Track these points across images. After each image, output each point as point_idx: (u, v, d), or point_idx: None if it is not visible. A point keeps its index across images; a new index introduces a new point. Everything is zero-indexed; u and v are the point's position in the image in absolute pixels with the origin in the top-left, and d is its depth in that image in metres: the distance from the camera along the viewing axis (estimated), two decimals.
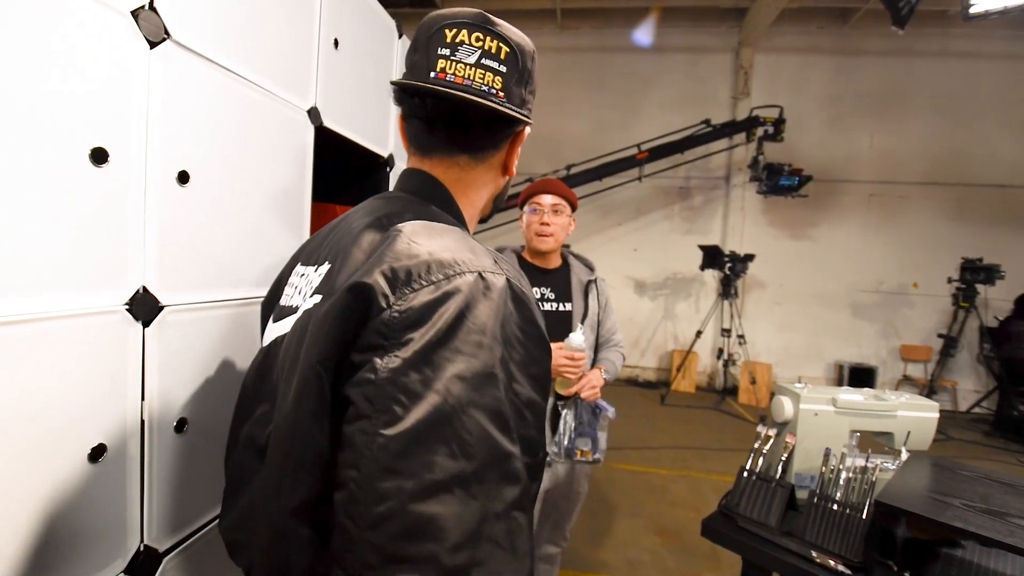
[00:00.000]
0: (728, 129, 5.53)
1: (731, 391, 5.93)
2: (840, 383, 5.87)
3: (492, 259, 0.55)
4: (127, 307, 0.70)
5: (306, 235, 1.11)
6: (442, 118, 0.62)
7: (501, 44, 0.60)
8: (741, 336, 5.37)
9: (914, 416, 1.33)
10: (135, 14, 0.68)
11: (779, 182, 4.99)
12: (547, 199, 1.64)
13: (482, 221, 0.76)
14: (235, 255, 0.91)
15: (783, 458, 1.33)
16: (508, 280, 0.53)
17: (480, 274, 0.51)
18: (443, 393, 0.44)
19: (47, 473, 0.62)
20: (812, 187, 5.45)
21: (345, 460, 0.45)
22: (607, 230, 6.55)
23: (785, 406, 1.38)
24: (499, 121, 0.62)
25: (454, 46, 0.59)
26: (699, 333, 5.59)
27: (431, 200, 0.65)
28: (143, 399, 0.74)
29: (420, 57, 0.61)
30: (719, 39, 6.20)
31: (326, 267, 0.60)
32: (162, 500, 0.78)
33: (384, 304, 0.47)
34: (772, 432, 1.39)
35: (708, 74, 6.24)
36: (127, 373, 0.71)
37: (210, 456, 0.86)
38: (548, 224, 1.62)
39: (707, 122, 5.56)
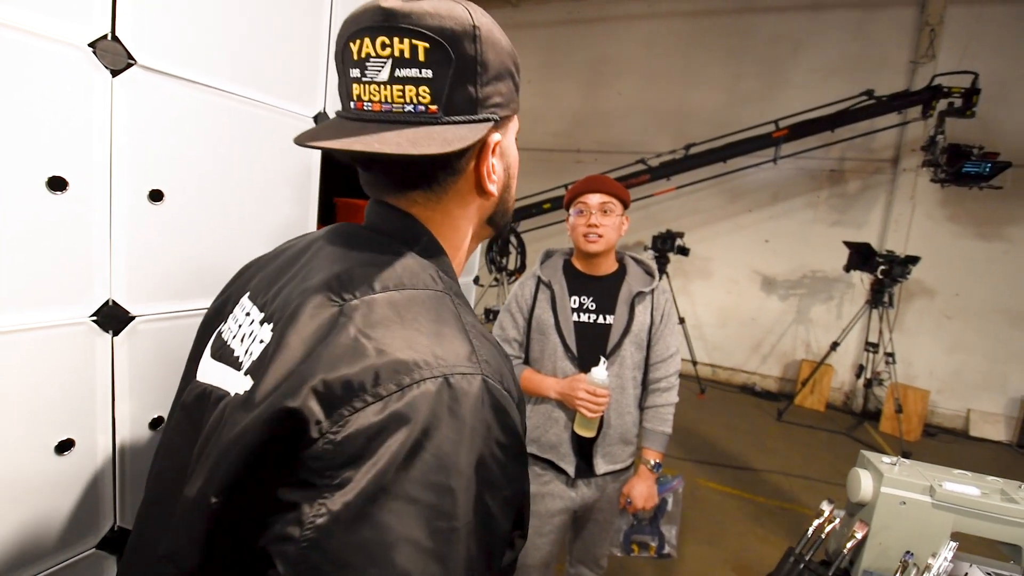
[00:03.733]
0: (897, 102, 4.47)
1: (872, 416, 5.01)
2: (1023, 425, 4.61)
3: (468, 347, 0.44)
4: (93, 319, 0.77)
5: None
6: (369, 158, 0.52)
7: (415, 41, 0.46)
8: (890, 354, 4.46)
9: None
10: (93, 45, 0.71)
11: (963, 168, 3.91)
12: (594, 199, 1.49)
13: (497, 236, 0.67)
14: (218, 264, 0.95)
15: (847, 547, 1.05)
16: (484, 381, 0.42)
17: (446, 379, 0.40)
18: (385, 568, 0.34)
19: (14, 464, 0.71)
20: (1010, 176, 4.19)
21: None
22: (735, 216, 5.85)
23: (863, 483, 1.08)
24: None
25: (362, 63, 0.48)
26: (835, 345, 4.78)
27: (402, 240, 0.53)
28: (113, 401, 0.81)
29: (341, 81, 0.52)
30: None
31: (268, 332, 0.48)
32: (137, 486, 0.87)
33: (315, 433, 0.38)
34: (839, 513, 1.11)
35: (880, 33, 5.09)
36: (96, 379, 0.78)
37: None
38: (596, 226, 1.47)
39: (869, 93, 4.57)
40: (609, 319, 1.52)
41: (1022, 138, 4.60)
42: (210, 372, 0.56)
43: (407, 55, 0.46)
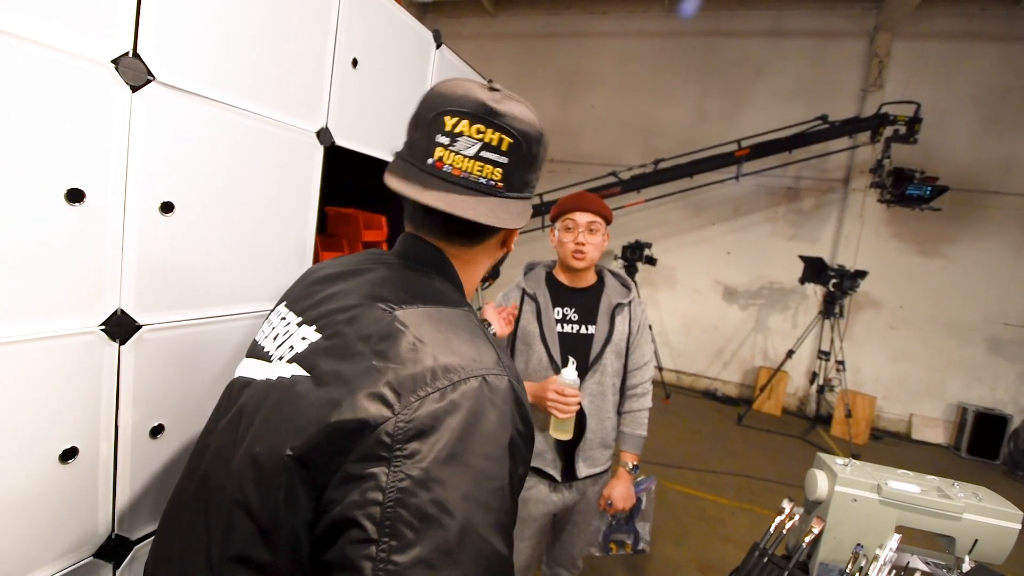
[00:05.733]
0: (849, 127, 4.80)
1: (824, 420, 5.31)
2: (961, 428, 4.98)
3: (495, 355, 0.56)
4: (102, 328, 0.78)
5: (308, 251, 1.16)
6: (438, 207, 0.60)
7: (503, 136, 0.59)
8: (840, 362, 4.75)
9: (986, 523, 1.08)
10: (116, 62, 0.73)
11: (906, 191, 4.24)
12: (582, 217, 1.54)
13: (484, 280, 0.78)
14: (225, 275, 0.97)
15: (806, 541, 1.15)
16: (510, 381, 0.54)
17: (484, 378, 0.51)
18: (456, 516, 0.44)
19: (19, 472, 0.71)
20: (948, 199, 4.58)
21: None
22: (699, 229, 6.10)
23: (819, 483, 1.18)
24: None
25: (453, 136, 0.58)
26: (790, 353, 5.04)
27: (437, 272, 0.65)
28: (117, 408, 0.82)
29: (420, 138, 0.61)
30: (852, 22, 5.37)
31: (313, 334, 0.59)
32: (136, 496, 0.87)
33: (389, 413, 0.47)
34: (798, 510, 1.21)
35: (834, 62, 5.45)
36: (102, 386, 0.79)
37: (185, 458, 0.94)
38: (583, 244, 1.53)
39: (823, 118, 4.88)
40: (591, 329, 1.58)
41: (959, 164, 5.02)
42: (242, 368, 0.68)
43: (495, 143, 0.59)
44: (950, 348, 5.24)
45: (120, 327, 0.80)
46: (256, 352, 0.67)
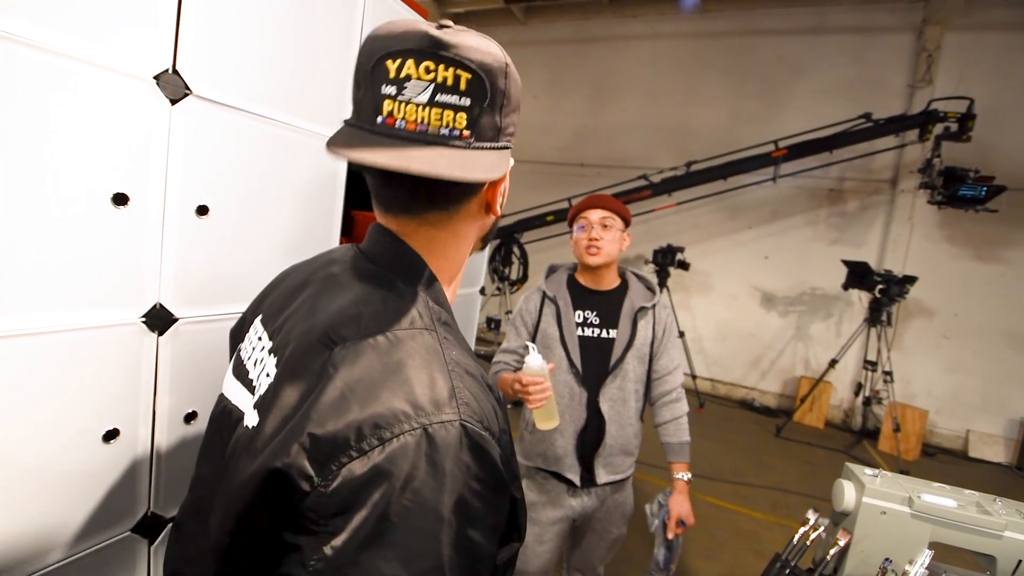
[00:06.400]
0: (894, 125, 4.59)
1: (871, 434, 5.04)
2: (1023, 447, 4.64)
3: (449, 389, 0.46)
4: (143, 320, 0.85)
5: None
6: (395, 173, 0.51)
7: (459, 71, 0.48)
8: (888, 373, 4.51)
9: None
10: (157, 78, 0.80)
11: (959, 191, 4.01)
12: (594, 214, 1.55)
13: (495, 253, 0.70)
14: (255, 273, 1.03)
15: (831, 553, 1.11)
16: (463, 426, 0.45)
17: (425, 430, 0.43)
18: None
19: (67, 449, 0.78)
20: (1006, 199, 4.28)
21: None
22: (735, 233, 5.94)
23: (846, 494, 1.14)
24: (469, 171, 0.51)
25: (399, 82, 0.48)
26: (834, 362, 4.83)
27: (395, 271, 0.56)
28: (155, 395, 0.88)
29: (364, 94, 0.51)
30: (897, 17, 5.14)
31: (272, 366, 0.53)
32: (170, 477, 0.94)
33: (307, 487, 0.42)
34: (823, 522, 1.17)
35: (878, 58, 5.23)
36: (141, 374, 0.86)
37: None
38: (597, 239, 1.52)
39: (867, 116, 4.68)
40: (612, 333, 1.56)
41: (1017, 163, 4.70)
42: (231, 389, 0.62)
43: (450, 82, 0.48)
44: (1010, 359, 4.88)
45: (159, 319, 0.87)
46: (241, 374, 0.60)
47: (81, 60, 0.71)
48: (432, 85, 0.48)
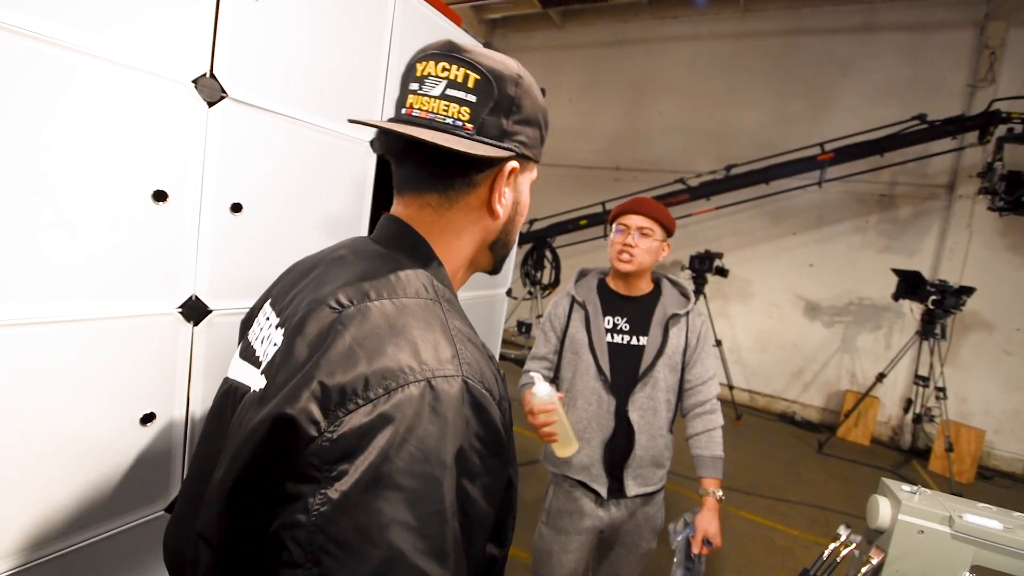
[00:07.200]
0: (952, 127, 4.32)
1: (921, 453, 4.75)
2: None
3: (452, 351, 0.48)
4: (179, 310, 0.90)
5: None
6: (408, 150, 0.59)
7: (468, 72, 0.55)
8: (941, 389, 4.23)
9: None
10: (195, 82, 0.85)
11: (1022, 197, 3.73)
12: (635, 220, 1.49)
13: (489, 273, 0.72)
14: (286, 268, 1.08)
15: (862, 572, 1.06)
16: (465, 382, 0.47)
17: (428, 382, 0.45)
18: (380, 545, 0.39)
19: (107, 430, 0.84)
20: None
21: None
22: (778, 238, 5.73)
23: (880, 510, 1.08)
24: (464, 156, 0.55)
25: (422, 79, 0.57)
26: (882, 376, 4.57)
27: (401, 251, 0.59)
28: (189, 381, 0.94)
29: (399, 94, 0.61)
30: (956, 12, 4.85)
31: (280, 336, 0.55)
32: None
33: (314, 432, 0.43)
34: (856, 538, 1.11)
35: (934, 56, 4.94)
36: (177, 361, 0.91)
37: None
38: (631, 246, 1.48)
39: (921, 117, 4.43)
40: (643, 340, 1.51)
41: None
42: (237, 370, 0.65)
43: (459, 80, 0.55)
44: None
45: (194, 310, 0.92)
46: (248, 354, 0.63)
47: (126, 65, 0.76)
48: (445, 81, 0.55)
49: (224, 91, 0.89)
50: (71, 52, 0.70)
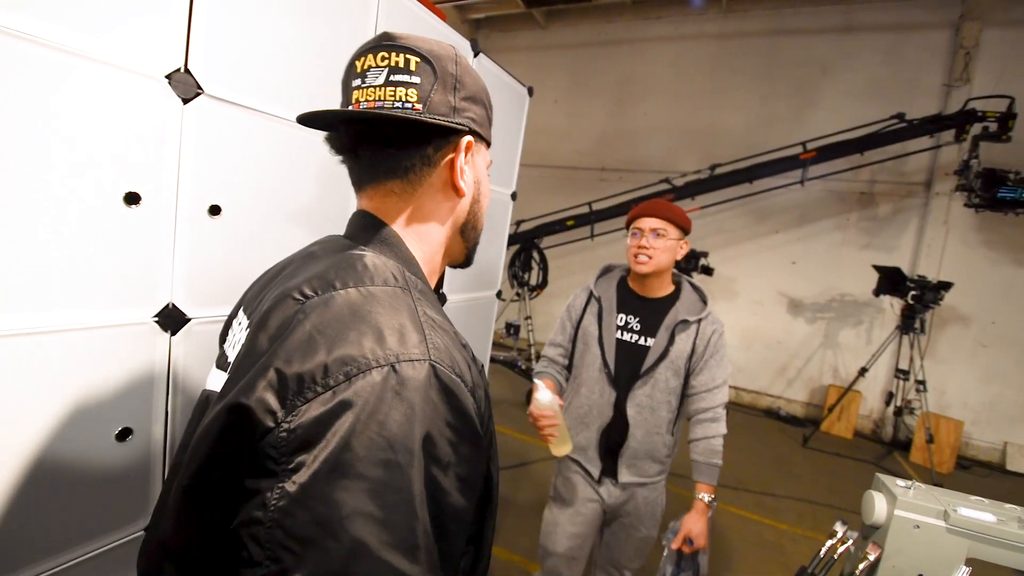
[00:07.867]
0: (929, 126, 4.41)
1: (902, 445, 4.84)
2: None
3: (419, 336, 0.46)
4: (155, 319, 0.85)
5: None
6: (361, 141, 0.59)
7: (408, 56, 0.56)
8: (921, 382, 4.32)
9: None
10: (169, 77, 0.81)
11: (997, 194, 3.83)
12: (648, 222, 1.54)
13: (462, 266, 0.70)
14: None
15: (860, 568, 1.05)
16: (433, 366, 0.44)
17: (393, 367, 0.42)
18: (342, 538, 0.37)
19: (79, 449, 0.79)
20: None
21: None
22: (761, 237, 5.80)
23: (876, 506, 1.08)
24: (420, 133, 0.57)
25: (363, 74, 0.57)
26: (864, 370, 4.65)
27: (370, 242, 0.58)
28: (167, 394, 0.89)
29: (343, 98, 0.60)
30: (932, 13, 4.95)
31: (246, 335, 0.53)
32: None
33: (271, 422, 0.41)
34: (852, 535, 1.11)
35: (912, 56, 5.04)
36: (154, 373, 0.87)
37: None
38: (646, 247, 1.51)
39: (900, 116, 4.52)
40: (649, 342, 1.54)
41: None
42: (212, 380, 0.62)
43: (401, 65, 0.56)
44: None
45: (171, 319, 0.87)
46: (222, 363, 0.61)
47: (91, 58, 0.72)
48: (387, 69, 0.56)
49: (200, 87, 0.85)
50: (26, 42, 0.65)
